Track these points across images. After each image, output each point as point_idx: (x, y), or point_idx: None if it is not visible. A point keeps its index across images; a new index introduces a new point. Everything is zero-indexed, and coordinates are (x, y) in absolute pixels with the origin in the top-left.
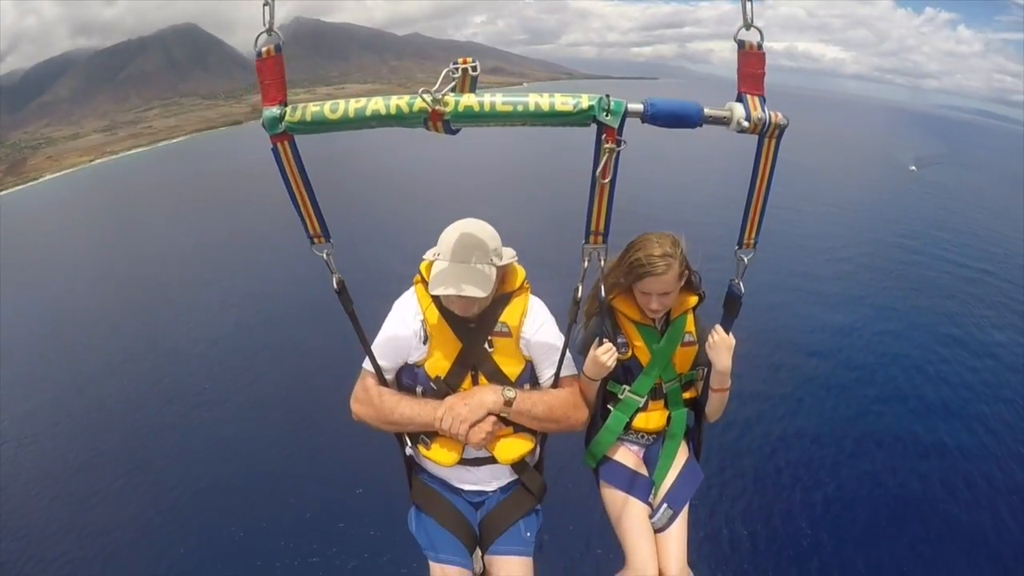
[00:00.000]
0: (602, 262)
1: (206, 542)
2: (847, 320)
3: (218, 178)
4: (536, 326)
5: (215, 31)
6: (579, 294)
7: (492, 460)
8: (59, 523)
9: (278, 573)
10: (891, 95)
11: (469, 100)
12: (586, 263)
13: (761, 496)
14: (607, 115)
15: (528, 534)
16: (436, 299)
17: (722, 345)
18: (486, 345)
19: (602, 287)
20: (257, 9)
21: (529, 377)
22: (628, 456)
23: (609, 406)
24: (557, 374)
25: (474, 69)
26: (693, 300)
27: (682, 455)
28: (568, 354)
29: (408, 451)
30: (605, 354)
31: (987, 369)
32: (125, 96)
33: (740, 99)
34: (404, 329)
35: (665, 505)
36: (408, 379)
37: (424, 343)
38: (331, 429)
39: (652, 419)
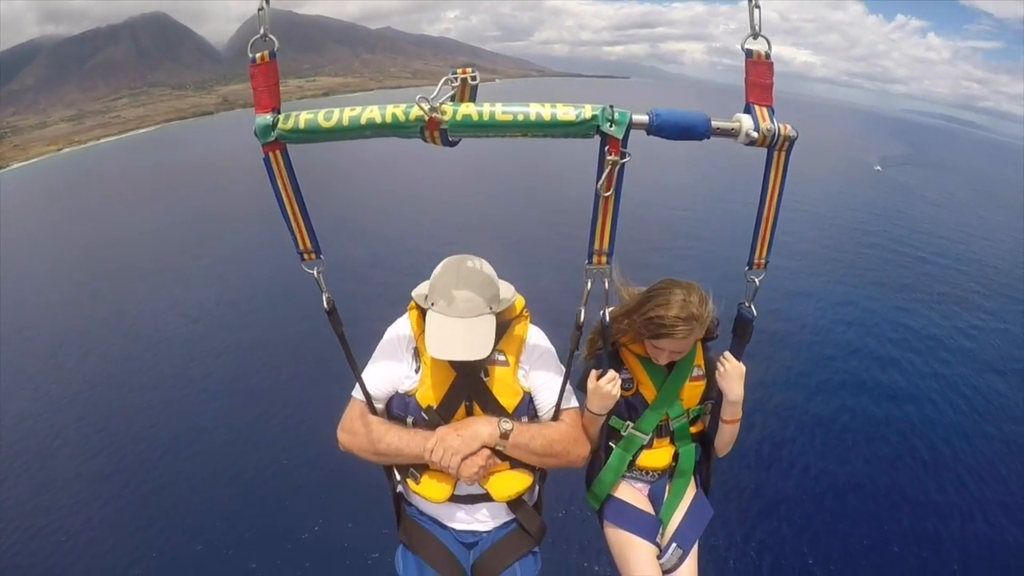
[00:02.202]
0: (606, 284)
1: (188, 523)
2: (809, 289)
3: (192, 167)
4: (535, 355)
5: (185, 20)
6: (581, 319)
7: (486, 497)
8: (39, 502)
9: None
10: (859, 99)
11: (468, 109)
12: (589, 285)
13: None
14: (611, 126)
15: None
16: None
17: (734, 374)
18: (482, 374)
19: (605, 314)
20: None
21: (527, 409)
22: (633, 494)
23: (611, 443)
24: (558, 406)
25: (473, 79)
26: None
27: (690, 491)
28: (569, 386)
29: (398, 488)
30: (609, 383)
31: (931, 337)
32: (93, 85)
33: (748, 110)
34: (396, 357)
35: (675, 545)
36: (399, 409)
37: (416, 371)
38: (316, 412)
39: (658, 457)
